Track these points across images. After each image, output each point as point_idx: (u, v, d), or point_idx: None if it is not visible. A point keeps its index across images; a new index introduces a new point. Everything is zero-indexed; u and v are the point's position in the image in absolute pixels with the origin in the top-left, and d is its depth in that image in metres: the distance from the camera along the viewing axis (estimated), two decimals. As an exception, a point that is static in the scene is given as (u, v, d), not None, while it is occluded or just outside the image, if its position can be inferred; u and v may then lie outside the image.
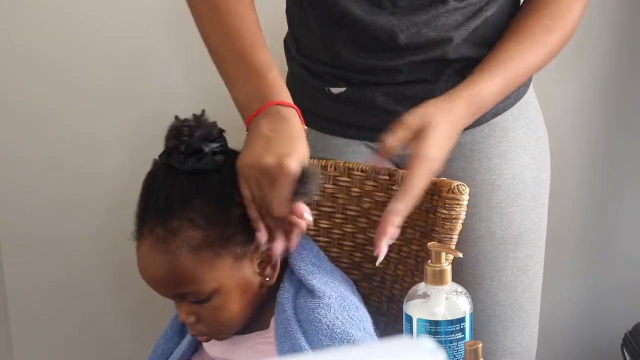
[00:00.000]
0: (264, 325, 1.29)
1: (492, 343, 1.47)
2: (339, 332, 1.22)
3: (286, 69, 1.53)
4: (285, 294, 1.27)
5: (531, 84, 1.51)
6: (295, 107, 1.27)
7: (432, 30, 1.37)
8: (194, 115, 1.25)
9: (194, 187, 1.22)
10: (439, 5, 1.36)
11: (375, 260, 1.43)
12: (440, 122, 1.28)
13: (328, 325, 1.22)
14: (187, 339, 1.37)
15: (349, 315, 1.24)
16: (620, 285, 2.31)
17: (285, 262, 1.30)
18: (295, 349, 1.22)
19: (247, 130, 1.26)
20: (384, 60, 1.39)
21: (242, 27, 1.31)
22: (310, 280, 1.26)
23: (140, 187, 1.27)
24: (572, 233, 2.28)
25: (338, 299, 1.25)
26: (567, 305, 2.32)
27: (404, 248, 1.40)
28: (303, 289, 1.27)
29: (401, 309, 1.13)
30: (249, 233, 1.24)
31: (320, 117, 1.45)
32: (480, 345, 0.98)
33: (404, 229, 1.40)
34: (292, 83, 1.52)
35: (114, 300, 2.20)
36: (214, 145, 1.23)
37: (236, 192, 1.23)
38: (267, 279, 1.27)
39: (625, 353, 2.08)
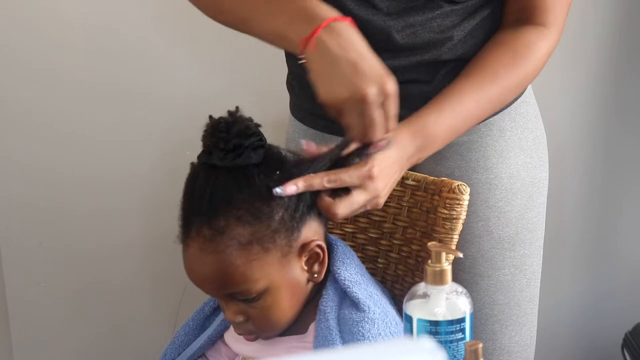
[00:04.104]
0: (302, 330, 1.29)
1: (490, 342, 1.47)
2: None
3: (286, 69, 1.54)
4: (329, 303, 1.26)
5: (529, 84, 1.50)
6: (349, 18, 1.21)
7: (428, 31, 1.37)
8: (229, 111, 1.23)
9: (237, 183, 1.20)
10: (433, 7, 1.36)
11: (376, 260, 1.44)
12: (391, 149, 1.25)
13: (370, 341, 1.22)
14: (207, 333, 1.37)
15: (390, 332, 1.24)
16: (620, 286, 2.31)
17: (328, 267, 1.28)
18: None
19: (303, 56, 1.20)
20: (382, 60, 1.39)
21: None
22: (355, 292, 1.25)
23: (182, 190, 1.25)
24: (572, 233, 2.28)
25: (381, 314, 1.24)
26: (568, 306, 2.33)
27: (404, 248, 1.40)
28: (347, 299, 1.26)
29: (401, 309, 1.13)
30: (293, 227, 1.22)
31: (320, 117, 1.45)
32: (481, 345, 0.98)
33: (404, 229, 1.40)
34: (292, 83, 1.52)
35: (121, 306, 2.20)
36: (253, 139, 1.20)
37: (276, 183, 1.21)
38: (315, 275, 1.26)
39: (626, 353, 2.08)
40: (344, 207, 1.21)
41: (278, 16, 1.24)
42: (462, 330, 1.09)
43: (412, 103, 1.39)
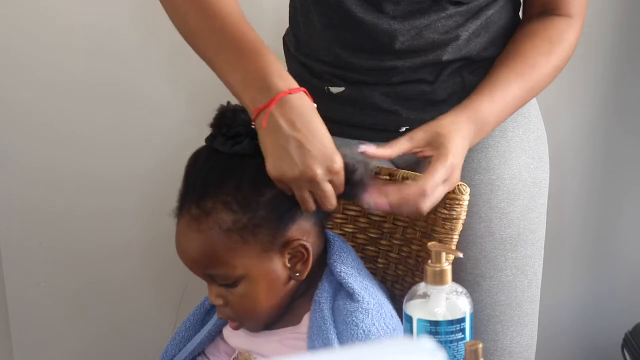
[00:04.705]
0: (296, 321, 1.30)
1: (491, 343, 1.47)
2: (373, 340, 1.22)
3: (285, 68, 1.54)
4: (324, 294, 1.27)
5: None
6: (303, 89, 1.23)
7: (433, 32, 1.37)
8: None
9: (232, 170, 1.23)
10: (438, 9, 1.36)
11: (376, 260, 1.44)
12: (454, 133, 1.27)
13: (364, 331, 1.23)
14: (207, 328, 1.39)
15: (384, 323, 1.25)
16: (620, 286, 2.31)
17: (324, 262, 1.30)
18: (327, 348, 1.22)
19: (254, 122, 1.22)
20: (384, 61, 1.39)
21: (220, 3, 1.28)
22: (350, 283, 1.26)
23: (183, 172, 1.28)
24: (572, 233, 2.28)
25: (376, 305, 1.26)
26: (568, 306, 2.33)
27: (404, 248, 1.40)
28: (342, 291, 1.27)
29: (401, 309, 1.13)
30: (279, 226, 1.24)
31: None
32: (481, 345, 0.98)
33: (404, 229, 1.40)
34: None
35: (121, 306, 2.20)
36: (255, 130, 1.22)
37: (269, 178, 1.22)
38: (297, 274, 1.27)
39: (626, 353, 2.08)
40: (429, 201, 1.24)
41: (238, 71, 1.24)
42: (462, 330, 1.09)
43: (414, 104, 1.39)
